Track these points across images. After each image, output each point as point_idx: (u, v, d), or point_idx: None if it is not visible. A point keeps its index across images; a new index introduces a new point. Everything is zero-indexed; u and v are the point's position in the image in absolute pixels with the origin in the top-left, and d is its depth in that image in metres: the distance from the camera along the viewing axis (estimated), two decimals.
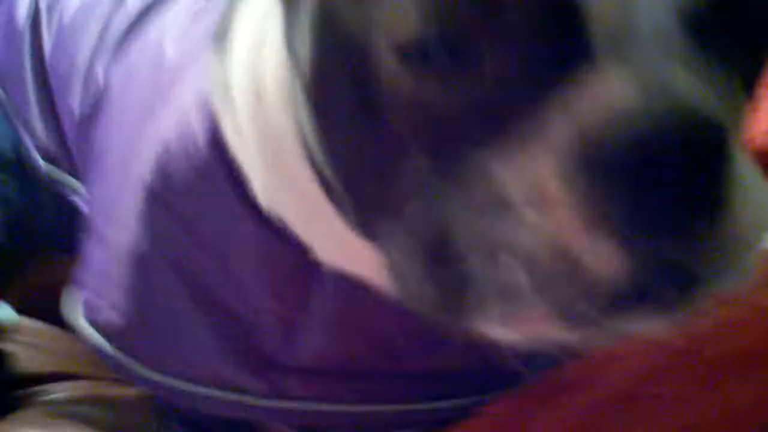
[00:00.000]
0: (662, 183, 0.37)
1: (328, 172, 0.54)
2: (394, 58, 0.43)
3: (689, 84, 0.39)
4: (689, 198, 0.38)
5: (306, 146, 0.57)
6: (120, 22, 0.83)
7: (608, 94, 0.38)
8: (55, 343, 1.28)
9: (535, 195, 0.39)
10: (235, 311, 0.68)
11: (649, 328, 0.43)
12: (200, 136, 0.65)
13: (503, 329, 0.43)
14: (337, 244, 0.61)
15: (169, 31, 0.75)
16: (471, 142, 0.42)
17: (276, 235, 0.64)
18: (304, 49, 0.51)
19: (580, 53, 0.39)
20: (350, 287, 0.64)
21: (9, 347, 1.30)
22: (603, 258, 0.38)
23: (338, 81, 0.48)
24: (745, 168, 0.41)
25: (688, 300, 0.41)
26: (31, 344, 1.37)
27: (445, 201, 0.43)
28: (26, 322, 1.38)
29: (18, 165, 1.08)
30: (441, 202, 0.43)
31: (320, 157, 0.54)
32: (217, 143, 0.64)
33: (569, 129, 0.39)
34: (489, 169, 0.41)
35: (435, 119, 0.43)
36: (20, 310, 1.37)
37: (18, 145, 1.06)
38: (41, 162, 0.99)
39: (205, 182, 0.65)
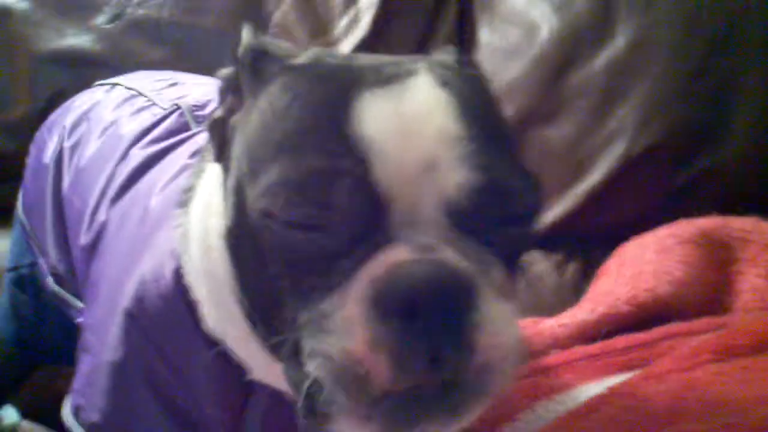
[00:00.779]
0: (425, 318, 0.58)
1: (243, 303, 0.71)
2: (269, 223, 0.62)
3: (446, 252, 0.61)
4: (443, 330, 0.58)
5: (235, 287, 0.72)
6: (121, 173, 0.99)
7: (395, 257, 0.60)
8: None
9: (343, 323, 0.60)
10: (191, 415, 0.83)
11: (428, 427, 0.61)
12: (168, 274, 0.81)
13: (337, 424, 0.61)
14: (263, 363, 0.76)
15: (155, 186, 0.91)
16: (316, 279, 0.62)
17: (221, 356, 0.79)
18: (228, 214, 0.68)
19: (383, 234, 0.61)
20: (278, 399, 0.79)
21: None
22: (374, 365, 0.58)
23: (243, 239, 0.66)
24: (497, 311, 0.61)
25: (449, 416, 0.61)
26: None
27: (300, 324, 0.63)
28: (27, 424, 1.51)
29: (32, 285, 1.23)
30: (296, 324, 0.63)
31: (238, 292, 0.71)
32: (179, 280, 0.80)
33: (366, 279, 0.60)
34: (322, 304, 0.61)
35: (294, 268, 0.63)
36: (26, 414, 1.49)
37: (34, 267, 1.21)
38: (51, 282, 1.13)
39: (169, 310, 0.81)
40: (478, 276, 0.61)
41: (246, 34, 0.75)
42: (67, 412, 0.92)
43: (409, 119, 0.64)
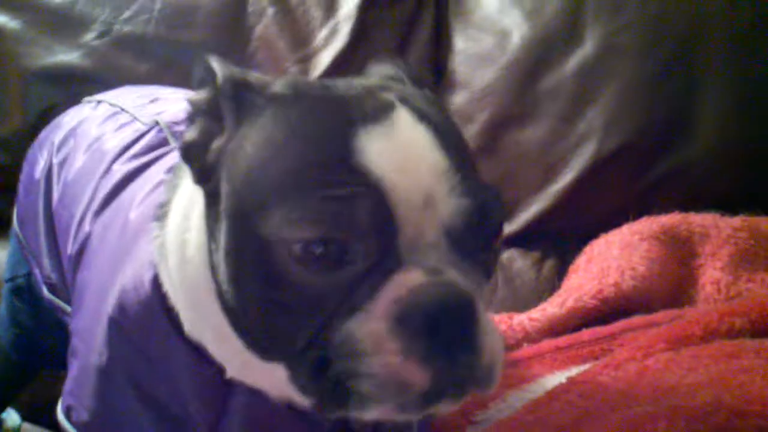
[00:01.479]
0: (441, 331, 0.68)
1: (237, 316, 0.77)
2: (287, 252, 0.69)
3: (451, 274, 0.70)
4: (458, 339, 0.69)
5: (219, 295, 0.78)
6: (104, 187, 1.04)
7: (413, 280, 0.69)
8: None
9: (371, 334, 0.69)
10: (174, 413, 0.88)
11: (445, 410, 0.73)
12: (146, 283, 0.86)
13: (368, 415, 0.71)
14: (241, 364, 0.83)
15: (134, 199, 0.97)
16: (339, 304, 0.70)
17: (199, 356, 0.85)
18: (221, 235, 0.75)
19: (395, 258, 0.70)
20: (257, 401, 0.85)
21: None
22: (411, 371, 0.68)
23: (249, 261, 0.73)
24: (488, 319, 0.72)
25: (462, 397, 0.71)
26: None
27: (330, 338, 0.70)
28: (28, 427, 1.56)
29: (28, 294, 1.28)
30: (327, 339, 0.70)
31: (232, 305, 0.77)
32: (157, 288, 0.86)
33: (389, 299, 0.69)
34: (349, 320, 0.70)
35: (314, 290, 0.71)
36: (27, 417, 1.55)
37: (29, 277, 1.27)
38: (45, 291, 1.18)
39: (148, 316, 0.86)
40: (475, 292, 0.72)
41: (217, 64, 0.78)
42: (59, 413, 0.97)
43: (406, 155, 0.72)
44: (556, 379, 1.02)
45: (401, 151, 0.71)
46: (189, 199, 0.84)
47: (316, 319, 0.71)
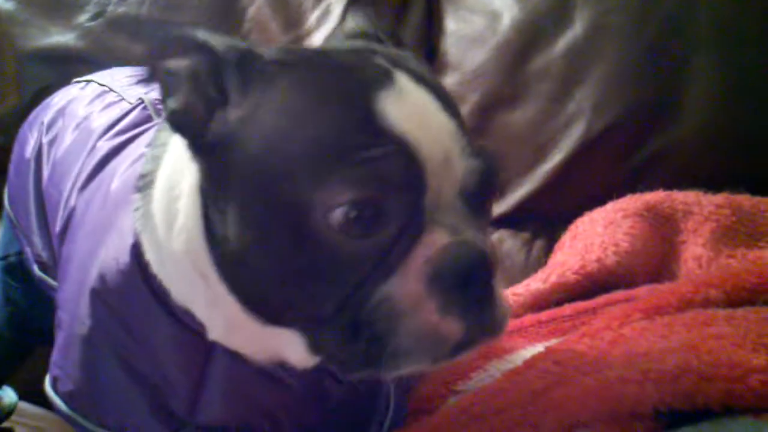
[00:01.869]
0: (473, 287, 0.73)
1: (248, 284, 0.79)
2: (323, 217, 0.72)
3: (473, 233, 0.75)
4: (483, 293, 0.74)
5: (220, 263, 0.80)
6: (90, 163, 1.06)
7: (438, 240, 0.73)
8: (54, 426, 1.45)
9: (408, 295, 0.72)
10: (155, 382, 0.90)
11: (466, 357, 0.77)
12: (126, 253, 0.88)
13: (401, 371, 0.75)
14: (232, 329, 0.85)
15: (116, 172, 0.98)
16: (374, 267, 0.73)
17: (180, 323, 0.86)
18: (234, 205, 0.77)
19: (421, 219, 0.74)
20: (237, 366, 0.87)
21: (14, 428, 1.49)
22: (449, 326, 0.73)
23: (276, 229, 0.74)
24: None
25: (483, 344, 0.76)
26: (32, 426, 1.55)
27: (364, 300, 0.73)
28: (27, 406, 1.57)
29: (21, 272, 1.30)
30: (361, 302, 0.73)
31: (240, 273, 0.79)
32: (137, 257, 0.87)
33: (421, 258, 0.73)
34: (383, 281, 0.73)
35: (350, 253, 0.73)
36: (24, 395, 1.56)
37: (21, 255, 1.28)
38: (36, 269, 1.20)
39: (128, 284, 0.88)
40: (491, 251, 0.76)
41: (205, 34, 0.78)
42: (47, 384, 0.98)
43: (422, 117, 0.75)
44: (536, 350, 1.03)
45: (417, 113, 0.75)
46: (175, 170, 0.86)
47: (349, 282, 0.73)
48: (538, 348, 1.03)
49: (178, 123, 0.80)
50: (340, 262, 0.73)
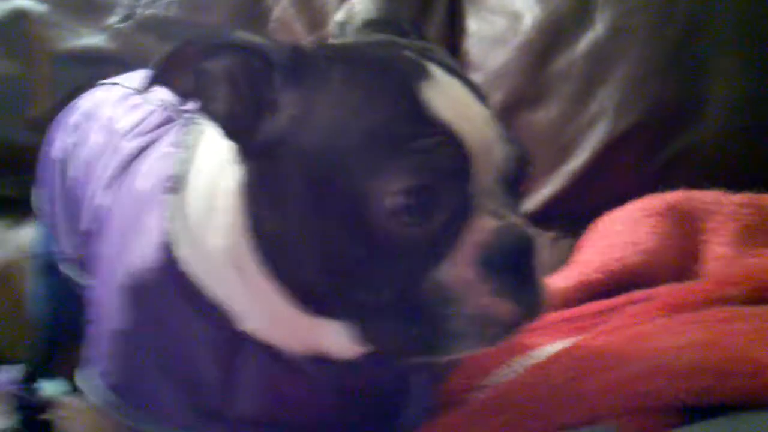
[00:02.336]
0: (520, 268, 0.77)
1: (297, 277, 0.82)
2: (381, 205, 0.74)
3: (514, 217, 0.78)
4: (530, 276, 0.78)
5: (265, 258, 0.83)
6: (114, 164, 1.08)
7: (486, 225, 0.76)
8: (92, 417, 1.49)
9: (462, 280, 0.75)
10: (187, 375, 0.92)
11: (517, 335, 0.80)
12: (155, 250, 0.91)
13: (454, 354, 0.79)
14: (271, 321, 0.87)
15: (141, 172, 1.01)
16: (426, 254, 0.76)
17: (210, 318, 0.89)
18: (289, 201, 0.79)
19: (468, 205, 0.77)
20: (267, 360, 0.90)
21: (58, 419, 1.52)
22: (502, 308, 0.75)
23: (335, 221, 0.77)
24: None
25: (531, 320, 0.79)
26: (74, 417, 1.57)
27: (417, 287, 0.76)
28: (72, 398, 1.60)
29: (54, 269, 1.32)
30: (414, 288, 0.76)
31: (290, 267, 0.81)
32: (165, 254, 0.90)
33: (472, 244, 0.75)
34: (436, 268, 0.76)
35: (405, 241, 0.75)
36: (63, 388, 1.59)
37: (53, 253, 1.31)
38: (65, 267, 1.24)
39: (157, 279, 0.91)
40: (533, 233, 0.80)
41: (244, 34, 0.80)
42: (83, 378, 1.01)
43: (461, 106, 0.78)
44: (557, 346, 1.05)
45: (457, 103, 0.78)
46: (210, 171, 0.88)
47: (402, 270, 0.76)
48: (561, 345, 1.05)
49: (227, 129, 0.82)
50: (395, 249, 0.76)
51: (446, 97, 0.77)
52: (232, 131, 0.81)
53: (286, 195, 0.79)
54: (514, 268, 0.77)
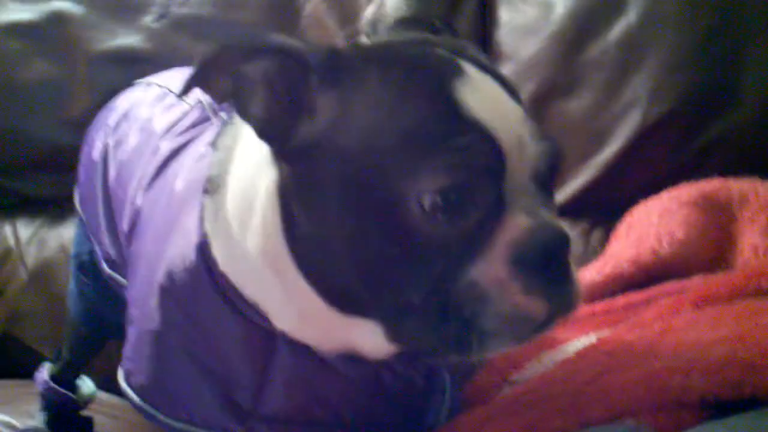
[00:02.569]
0: (553, 266, 0.77)
1: (333, 276, 0.83)
2: (418, 204, 0.75)
3: (547, 214, 0.79)
4: (563, 273, 0.78)
5: (300, 259, 0.84)
6: (153, 163, 1.10)
7: (519, 223, 0.76)
8: (129, 415, 1.50)
9: (494, 278, 0.75)
10: (222, 375, 0.94)
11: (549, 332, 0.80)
12: (192, 251, 0.92)
13: (488, 352, 0.78)
14: (305, 320, 0.89)
15: (179, 173, 1.03)
16: (460, 253, 0.76)
17: (244, 318, 0.91)
18: (325, 202, 0.80)
19: (501, 203, 0.77)
20: (300, 359, 0.91)
21: (95, 417, 1.56)
22: (534, 306, 0.76)
23: (371, 221, 0.78)
24: None
25: (564, 316, 0.80)
26: (110, 415, 1.62)
27: (451, 286, 0.76)
28: (104, 395, 1.64)
29: (92, 269, 1.35)
30: (447, 287, 0.77)
31: (326, 267, 0.83)
32: (203, 255, 0.92)
33: (505, 242, 0.76)
34: (469, 266, 0.76)
35: (439, 240, 0.76)
36: (100, 385, 1.63)
37: (92, 253, 1.34)
38: (105, 267, 1.26)
39: (194, 281, 0.92)
40: (565, 227, 0.80)
41: (278, 37, 0.80)
42: (120, 377, 1.03)
43: (495, 104, 0.78)
44: (588, 340, 1.05)
45: (491, 101, 0.78)
46: (247, 172, 0.90)
47: (437, 268, 0.77)
48: (591, 338, 1.05)
49: (264, 131, 0.82)
50: (430, 248, 0.76)
51: (480, 95, 0.77)
52: (268, 134, 0.82)
53: (322, 196, 0.80)
54: (547, 265, 0.76)
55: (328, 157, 0.79)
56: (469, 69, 0.79)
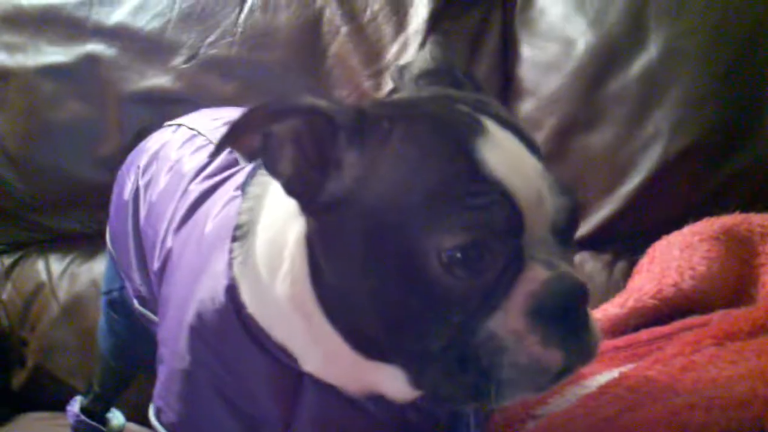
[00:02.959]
0: (570, 317, 0.78)
1: (356, 323, 0.86)
2: (437, 260, 0.77)
3: (565, 266, 0.80)
4: (581, 323, 0.79)
5: (326, 305, 0.87)
6: (183, 205, 1.13)
7: (537, 276, 0.78)
8: None
9: (512, 330, 0.77)
10: (251, 414, 0.96)
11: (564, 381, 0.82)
12: (221, 293, 0.95)
13: (506, 401, 0.80)
14: (330, 363, 0.91)
15: (209, 215, 1.05)
16: (479, 305, 0.78)
17: (273, 358, 0.93)
18: (350, 253, 0.82)
19: (520, 256, 0.79)
20: (327, 398, 0.94)
21: None
22: (551, 357, 0.77)
23: (392, 273, 0.80)
24: None
25: (581, 366, 0.81)
26: None
27: (469, 337, 0.78)
28: (135, 428, 1.67)
29: (122, 306, 1.38)
30: (466, 338, 0.79)
31: (351, 314, 0.85)
32: (232, 298, 0.94)
33: (524, 294, 0.77)
34: (488, 318, 0.78)
35: (459, 293, 0.78)
36: (130, 417, 1.66)
37: (122, 290, 1.37)
38: (136, 303, 1.29)
39: (224, 323, 0.95)
40: (583, 278, 0.82)
41: (310, 98, 0.82)
42: (151, 415, 1.05)
43: (515, 161, 0.81)
44: (611, 375, 1.06)
45: (510, 158, 0.80)
46: (276, 222, 0.93)
47: (456, 320, 0.79)
48: (614, 373, 1.06)
49: (292, 187, 0.85)
50: (449, 301, 0.78)
51: (500, 152, 0.80)
52: (296, 190, 0.85)
53: (346, 249, 0.83)
54: (565, 315, 0.78)
55: (352, 212, 0.82)
56: (490, 125, 0.82)
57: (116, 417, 1.62)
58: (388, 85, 1.77)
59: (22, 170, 1.95)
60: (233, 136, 0.82)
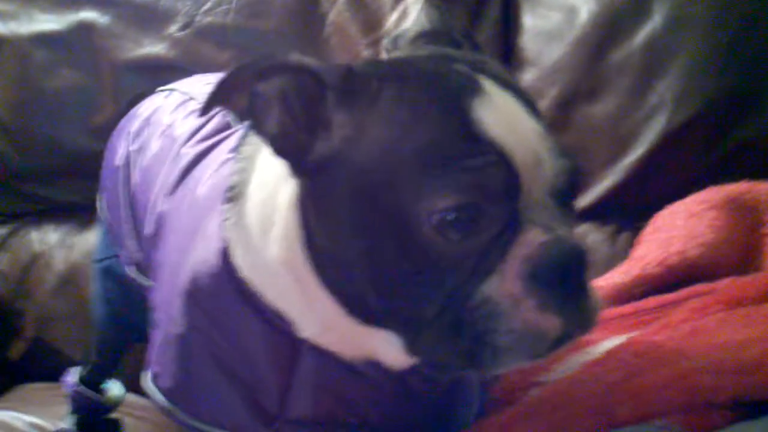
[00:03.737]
0: (569, 282, 0.76)
1: (349, 287, 0.84)
2: (430, 222, 0.75)
3: (565, 230, 0.77)
4: (578, 287, 0.77)
5: (319, 269, 0.85)
6: (175, 169, 1.11)
7: (534, 239, 0.76)
8: (157, 417, 1.45)
9: (508, 294, 0.75)
10: (247, 378, 0.94)
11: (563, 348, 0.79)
12: (215, 256, 0.93)
13: (501, 367, 0.79)
14: (326, 328, 0.89)
15: (202, 179, 1.03)
16: (473, 269, 0.76)
17: (268, 323, 0.91)
18: (339, 216, 0.81)
19: (517, 219, 0.76)
20: (325, 363, 0.92)
21: (124, 419, 1.57)
22: (548, 323, 0.75)
23: (383, 236, 0.78)
24: None
25: (579, 337, 0.79)
26: (139, 417, 1.63)
27: (464, 301, 0.76)
28: (133, 398, 1.65)
29: (117, 273, 1.36)
30: (461, 302, 0.76)
31: (343, 278, 0.83)
32: (225, 261, 0.92)
33: (519, 258, 0.75)
34: (483, 283, 0.76)
35: (452, 257, 0.76)
36: (129, 387, 1.63)
37: (116, 258, 1.35)
38: (130, 270, 1.26)
39: (218, 286, 0.93)
40: (583, 243, 0.79)
41: (297, 57, 0.81)
42: (146, 380, 1.04)
43: (513, 121, 0.78)
44: (616, 341, 1.05)
45: (508, 119, 0.78)
46: (267, 184, 0.91)
47: (450, 284, 0.77)
48: (619, 340, 1.04)
49: (280, 148, 0.83)
50: (442, 264, 0.76)
51: (497, 112, 0.77)
52: (284, 150, 0.83)
53: (337, 211, 0.81)
54: (563, 281, 0.76)
55: (342, 173, 0.80)
56: (488, 85, 0.79)
57: (114, 387, 1.59)
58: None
59: (15, 140, 1.93)
60: (219, 95, 0.80)
